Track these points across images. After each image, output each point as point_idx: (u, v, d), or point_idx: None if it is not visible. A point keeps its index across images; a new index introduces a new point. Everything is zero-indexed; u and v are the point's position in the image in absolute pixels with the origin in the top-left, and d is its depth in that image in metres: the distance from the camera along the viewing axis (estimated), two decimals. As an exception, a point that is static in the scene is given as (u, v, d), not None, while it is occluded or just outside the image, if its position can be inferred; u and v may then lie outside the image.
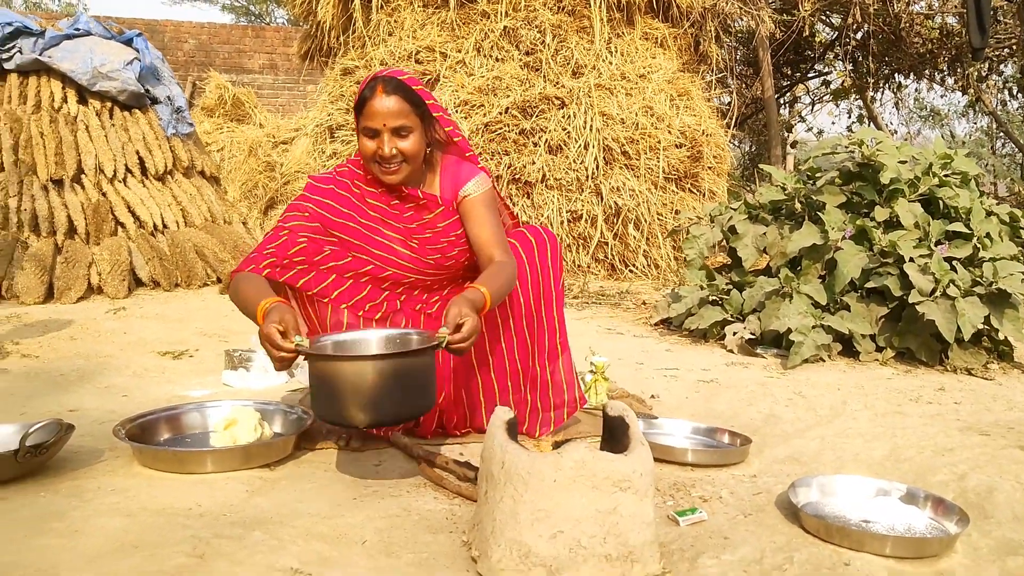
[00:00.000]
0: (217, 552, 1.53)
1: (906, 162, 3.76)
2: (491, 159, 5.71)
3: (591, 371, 2.65)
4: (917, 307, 3.18)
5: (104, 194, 4.99)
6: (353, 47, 6.69)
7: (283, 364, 1.80)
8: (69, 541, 1.56)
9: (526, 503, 1.45)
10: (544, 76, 6.04)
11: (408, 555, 1.57)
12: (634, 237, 5.78)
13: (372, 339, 2.00)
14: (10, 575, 1.42)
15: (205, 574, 1.44)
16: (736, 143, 11.33)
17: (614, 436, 1.66)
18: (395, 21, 6.44)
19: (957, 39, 9.42)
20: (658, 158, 5.90)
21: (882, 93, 11.40)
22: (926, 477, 2.00)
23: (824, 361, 3.32)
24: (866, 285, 3.44)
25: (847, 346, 3.42)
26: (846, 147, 3.85)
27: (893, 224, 3.57)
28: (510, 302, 2.18)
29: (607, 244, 5.80)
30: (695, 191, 6.16)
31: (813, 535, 1.65)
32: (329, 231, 2.14)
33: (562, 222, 5.70)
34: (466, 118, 5.79)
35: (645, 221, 5.79)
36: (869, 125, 11.37)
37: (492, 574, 1.46)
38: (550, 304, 2.24)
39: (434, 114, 2.13)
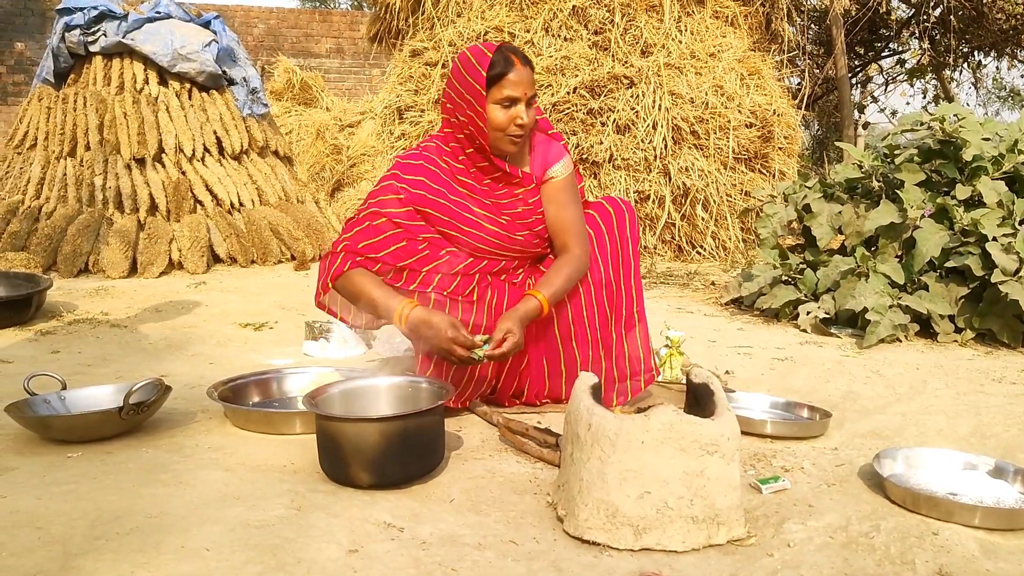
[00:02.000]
0: (313, 505, 1.60)
1: (989, 139, 3.65)
2: (558, 139, 5.71)
3: (666, 345, 2.66)
4: (1000, 287, 3.10)
5: (183, 173, 5.15)
6: (422, 28, 6.75)
7: (466, 360, 2.01)
8: (175, 490, 1.65)
9: (613, 464, 1.48)
10: (612, 55, 6.01)
11: (496, 513, 1.61)
12: (702, 218, 5.74)
13: (382, 387, 1.98)
14: (125, 518, 1.50)
15: (304, 524, 1.51)
16: (803, 125, 11.10)
17: (699, 402, 1.68)
18: (464, 2, 6.48)
19: (1043, 14, 9.06)
20: (727, 138, 5.83)
21: (960, 72, 11.04)
22: (1014, 453, 1.97)
23: (901, 342, 3.27)
24: (945, 265, 3.36)
25: (924, 327, 3.36)
26: (926, 124, 3.76)
27: (975, 203, 3.48)
28: (591, 273, 2.22)
29: (674, 225, 5.76)
30: (765, 172, 6.08)
31: (899, 505, 1.65)
32: (420, 209, 2.17)
33: (625, 198, 5.67)
34: (534, 98, 5.80)
35: (713, 202, 5.73)
36: (947, 104, 11.01)
37: (579, 532, 1.50)
38: (628, 274, 2.27)
39: None
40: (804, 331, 3.46)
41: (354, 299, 2.13)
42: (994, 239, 3.21)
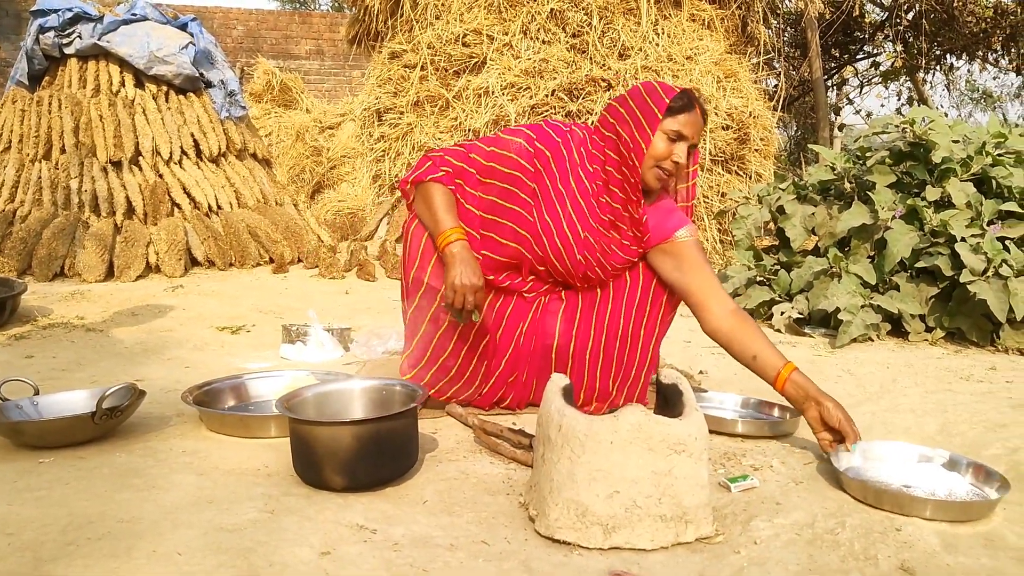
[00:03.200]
0: (287, 508, 1.61)
1: (958, 141, 3.72)
2: (537, 141, 5.73)
3: (640, 346, 2.68)
4: (968, 287, 3.16)
5: (161, 176, 5.13)
6: (401, 31, 6.75)
7: (456, 306, 2.00)
8: (148, 495, 1.65)
9: (583, 464, 1.50)
10: (591, 58, 6.04)
11: (468, 514, 1.63)
12: (679, 219, 5.77)
13: (356, 390, 1.98)
14: (97, 523, 1.51)
15: (277, 527, 1.52)
16: (782, 126, 11.20)
17: (668, 402, 1.70)
18: (442, 4, 6.48)
19: (1012, 17, 9.19)
20: (704, 140, 5.88)
21: (933, 75, 11.18)
22: (978, 451, 2.01)
23: (873, 341, 3.32)
24: (916, 265, 3.42)
25: (896, 326, 3.41)
26: (897, 126, 3.82)
27: (944, 204, 3.54)
28: (610, 319, 2.20)
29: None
30: (741, 173, 6.13)
31: (860, 501, 1.68)
32: (526, 180, 2.12)
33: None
34: (512, 100, 5.83)
35: (691, 203, 5.77)
36: (918, 107, 11.15)
37: (550, 532, 1.52)
38: (650, 335, 2.23)
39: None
40: (778, 331, 3.50)
41: (423, 205, 2.11)
42: (963, 240, 3.26)
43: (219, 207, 5.23)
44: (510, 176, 2.12)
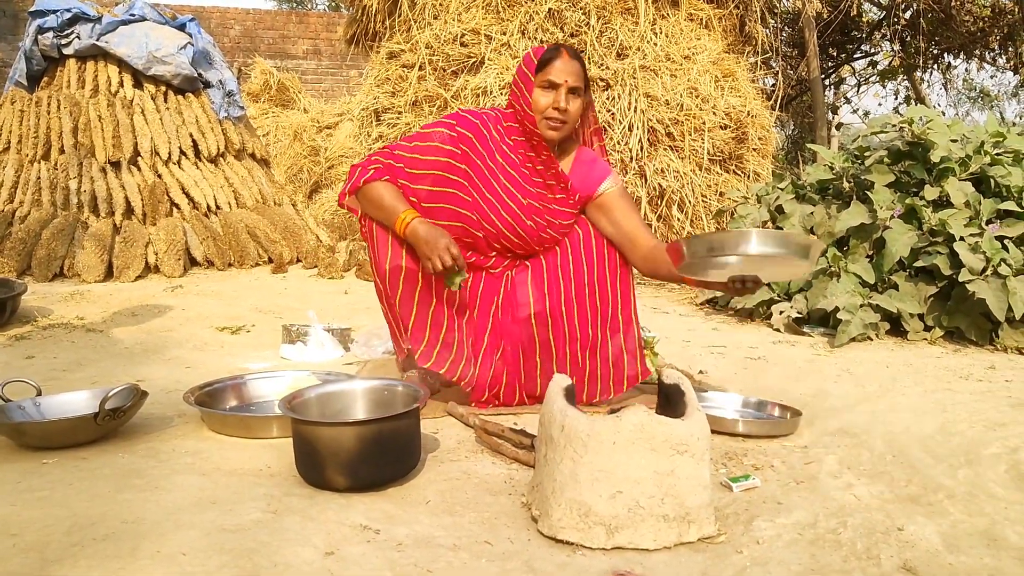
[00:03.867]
0: (289, 509, 1.61)
1: (957, 141, 3.73)
2: (535, 141, 5.74)
3: (640, 346, 2.69)
4: (967, 286, 3.16)
5: (159, 176, 5.13)
6: (399, 31, 6.75)
7: (437, 269, 2.09)
8: (151, 495, 1.65)
9: (586, 464, 1.51)
10: (588, 58, 6.04)
11: (471, 514, 1.63)
12: (678, 219, 5.78)
13: (358, 390, 1.99)
14: (100, 524, 1.51)
15: (279, 528, 1.52)
16: (778, 126, 11.21)
17: (670, 402, 1.71)
18: (440, 4, 6.49)
19: (1010, 16, 9.21)
20: (702, 139, 5.88)
21: (930, 74, 11.19)
22: (978, 450, 2.01)
23: (872, 340, 3.32)
24: (915, 264, 3.43)
25: (895, 325, 3.42)
26: (895, 126, 3.83)
27: (943, 203, 3.54)
28: (574, 271, 2.28)
29: (650, 226, 5.81)
30: (740, 173, 6.13)
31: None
32: (455, 163, 2.25)
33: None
34: (511, 100, 5.83)
35: (689, 203, 5.78)
36: (916, 106, 11.17)
37: (553, 532, 1.52)
38: (615, 275, 2.32)
39: (592, 105, 2.33)
40: (777, 330, 3.51)
41: (372, 206, 2.22)
42: (961, 239, 3.27)
43: (218, 207, 5.23)
44: (438, 163, 2.25)
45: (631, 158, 5.77)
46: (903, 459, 1.95)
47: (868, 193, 3.61)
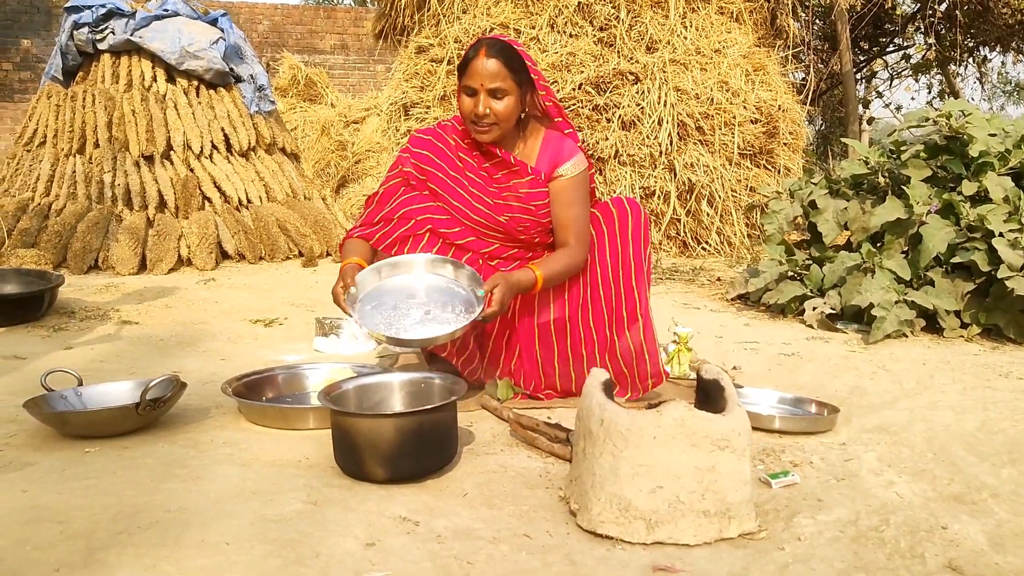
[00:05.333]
0: (330, 500, 1.62)
1: (996, 135, 3.66)
2: (564, 135, 5.73)
3: (674, 341, 2.68)
4: (1006, 282, 3.11)
5: (192, 170, 5.17)
6: (427, 25, 6.76)
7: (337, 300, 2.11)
8: (193, 485, 1.67)
9: (626, 459, 1.50)
10: (618, 52, 6.02)
11: (509, 507, 1.63)
12: (707, 214, 5.75)
13: (395, 382, 2.01)
14: (144, 513, 1.53)
15: (321, 519, 1.53)
16: (808, 120, 11.09)
17: (709, 398, 1.70)
18: (469, -1, 6.49)
19: (1049, 9, 9.04)
20: (733, 134, 5.84)
21: (965, 67, 11.02)
22: (1022, 449, 1.99)
23: (907, 337, 3.28)
24: (952, 260, 3.38)
25: (930, 322, 3.37)
26: (933, 120, 3.77)
27: (981, 198, 3.49)
28: (589, 273, 2.27)
29: (679, 221, 5.78)
30: (770, 167, 6.09)
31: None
32: (421, 180, 2.31)
33: (635, 199, 5.70)
34: (540, 94, 5.81)
35: (719, 197, 5.75)
36: (953, 100, 11.00)
37: (592, 526, 1.52)
38: (629, 275, 2.28)
39: (538, 85, 2.22)
40: (810, 327, 3.48)
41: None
42: (1000, 235, 3.22)
43: (249, 201, 5.27)
44: (409, 186, 2.31)
45: (661, 152, 5.74)
46: (945, 457, 1.93)
47: (904, 188, 3.56)
